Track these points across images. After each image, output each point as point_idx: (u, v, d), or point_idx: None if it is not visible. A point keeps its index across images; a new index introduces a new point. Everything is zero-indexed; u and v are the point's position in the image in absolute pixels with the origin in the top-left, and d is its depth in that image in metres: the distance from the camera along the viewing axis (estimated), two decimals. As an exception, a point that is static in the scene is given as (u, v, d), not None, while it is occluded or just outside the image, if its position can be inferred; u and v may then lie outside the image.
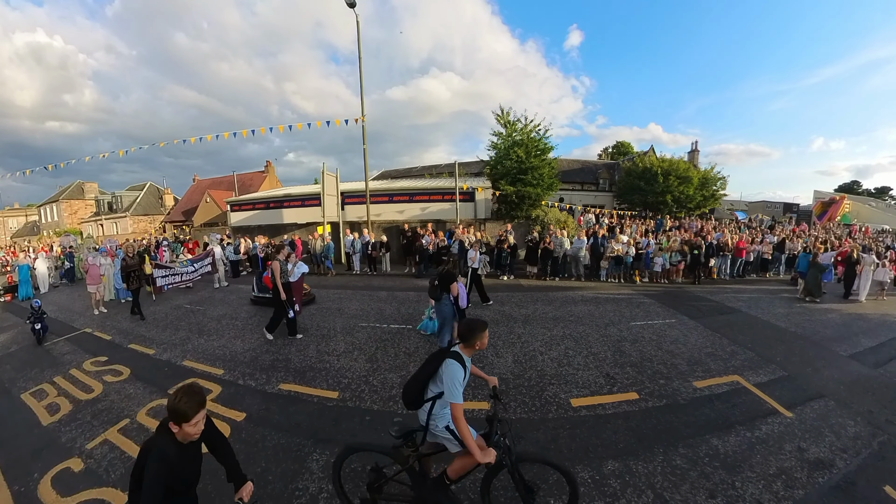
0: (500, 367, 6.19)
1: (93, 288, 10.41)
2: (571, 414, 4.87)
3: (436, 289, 6.32)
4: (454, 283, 6.04)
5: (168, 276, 11.61)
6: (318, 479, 3.78)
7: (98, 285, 10.52)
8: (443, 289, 6.15)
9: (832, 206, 29.02)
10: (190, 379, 6.02)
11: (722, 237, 15.14)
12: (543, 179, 17.30)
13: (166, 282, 11.51)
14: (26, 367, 6.84)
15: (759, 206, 37.79)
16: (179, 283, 11.99)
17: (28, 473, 4.05)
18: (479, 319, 3.07)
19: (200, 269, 12.59)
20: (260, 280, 10.60)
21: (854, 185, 59.77)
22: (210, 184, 37.49)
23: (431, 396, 2.88)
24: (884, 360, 6.64)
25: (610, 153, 49.05)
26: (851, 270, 11.73)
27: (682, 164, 25.28)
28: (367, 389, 5.55)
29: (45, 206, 46.16)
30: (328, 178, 16.62)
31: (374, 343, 7.30)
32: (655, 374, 5.90)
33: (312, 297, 10.58)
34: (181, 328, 8.61)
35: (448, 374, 2.76)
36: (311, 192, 20.29)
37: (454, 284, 6.03)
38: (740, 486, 3.61)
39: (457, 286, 6.03)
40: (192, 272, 12.26)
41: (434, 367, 2.90)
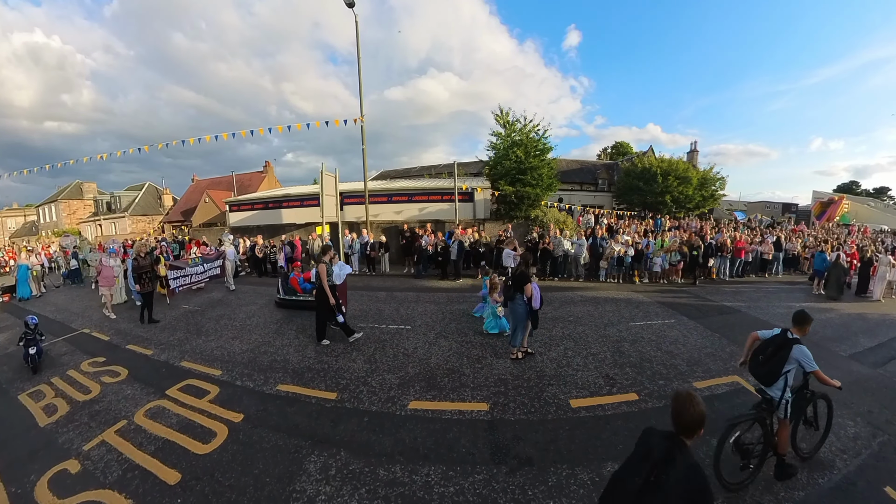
0: (499, 367, 6.17)
1: (105, 290, 10.07)
2: (571, 415, 4.86)
3: (509, 289, 6.31)
4: (528, 284, 5.99)
5: (180, 278, 11.07)
6: (315, 481, 3.76)
7: (111, 287, 10.18)
8: (516, 289, 6.11)
9: (831, 207, 29.09)
10: (188, 379, 6.01)
11: (721, 237, 15.14)
12: (542, 180, 17.28)
13: (178, 283, 10.95)
14: (24, 368, 6.81)
15: (758, 207, 37.86)
16: (190, 284, 11.45)
17: (25, 475, 4.02)
18: (807, 312, 4.05)
19: (209, 270, 12.17)
20: (286, 282, 10.37)
21: (853, 186, 59.88)
22: (209, 184, 37.43)
23: (785, 372, 3.66)
24: (883, 361, 6.64)
25: (609, 153, 49.13)
26: (866, 270, 11.92)
27: (681, 164, 25.31)
28: (365, 390, 5.52)
29: (44, 207, 46.07)
30: (327, 179, 16.56)
31: (372, 343, 7.28)
32: (655, 375, 5.89)
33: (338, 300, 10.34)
34: (179, 328, 8.58)
35: (801, 353, 3.61)
36: (310, 193, 20.26)
37: (528, 285, 5.98)
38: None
39: (530, 287, 5.99)
40: (201, 273, 11.81)
41: (786, 352, 3.65)
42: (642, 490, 1.93)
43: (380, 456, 4.12)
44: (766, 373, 3.75)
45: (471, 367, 6.17)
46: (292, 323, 8.70)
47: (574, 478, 3.73)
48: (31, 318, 7.03)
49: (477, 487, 3.64)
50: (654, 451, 2.03)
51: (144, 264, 9.37)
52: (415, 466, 3.94)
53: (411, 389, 5.51)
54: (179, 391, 5.68)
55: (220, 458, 4.16)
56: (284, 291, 10.24)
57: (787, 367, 3.65)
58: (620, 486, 2.09)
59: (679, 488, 1.88)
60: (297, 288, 10.16)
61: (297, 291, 10.11)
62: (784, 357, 3.65)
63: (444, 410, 4.97)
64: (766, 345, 3.88)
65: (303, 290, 10.05)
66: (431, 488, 3.64)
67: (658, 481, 1.91)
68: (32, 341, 6.69)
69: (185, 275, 11.26)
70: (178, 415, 5.05)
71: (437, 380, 5.78)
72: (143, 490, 3.74)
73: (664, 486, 1.89)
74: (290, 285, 10.25)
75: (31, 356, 6.62)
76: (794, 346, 3.62)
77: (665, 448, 2.01)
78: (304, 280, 10.25)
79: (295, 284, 10.21)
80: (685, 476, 1.91)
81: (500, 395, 5.29)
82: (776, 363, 3.68)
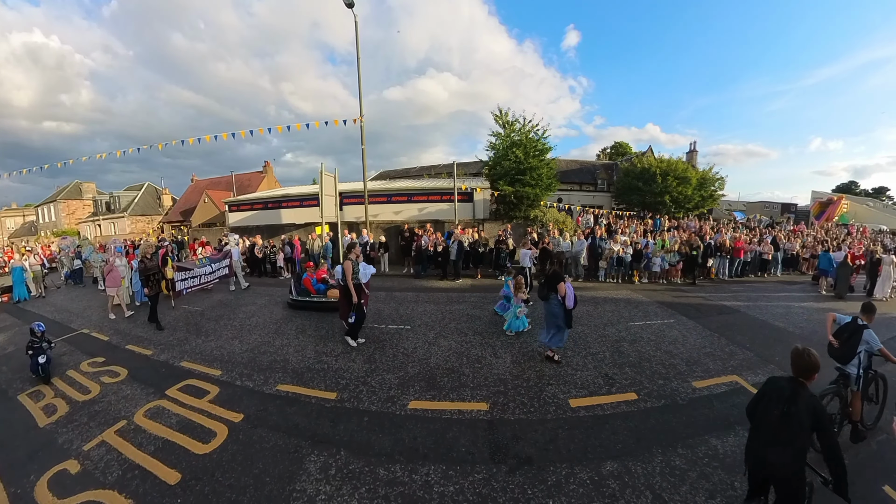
0: (498, 367, 6.18)
1: (112, 291, 9.80)
2: (570, 414, 4.87)
3: (543, 288, 6.34)
4: (562, 283, 6.06)
5: (187, 279, 10.59)
6: (315, 481, 3.77)
7: (118, 288, 9.91)
8: (550, 289, 6.15)
9: (830, 207, 29.06)
10: (188, 379, 6.01)
11: (720, 237, 15.16)
12: (542, 180, 17.27)
13: (185, 285, 10.47)
14: (23, 368, 6.79)
15: (758, 207, 37.85)
16: (198, 286, 10.97)
17: (25, 475, 4.03)
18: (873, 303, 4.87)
19: (218, 270, 11.74)
20: (299, 283, 10.12)
21: (852, 186, 59.93)
22: (208, 184, 37.40)
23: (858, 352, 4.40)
24: (882, 360, 6.62)
25: (608, 153, 49.14)
26: (874, 270, 12.04)
27: (680, 164, 25.29)
28: (365, 390, 5.53)
29: (43, 207, 46.01)
30: (326, 179, 16.53)
31: (371, 344, 7.29)
32: (654, 375, 5.90)
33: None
34: (178, 329, 8.57)
35: (870, 336, 4.37)
36: (310, 193, 20.25)
37: (561, 284, 6.05)
38: (740, 487, 3.60)
39: (564, 286, 6.05)
40: (210, 273, 11.38)
41: (858, 335, 4.40)
42: (781, 418, 2.77)
43: (379, 455, 4.12)
44: (843, 353, 4.50)
45: (470, 367, 6.18)
46: (292, 323, 8.71)
47: (573, 477, 3.74)
48: (38, 324, 6.62)
49: (476, 487, 3.64)
50: (784, 391, 2.86)
51: (151, 266, 9.00)
52: (414, 466, 3.94)
53: (411, 389, 5.52)
54: (179, 391, 5.68)
55: (220, 458, 4.16)
56: (297, 292, 10.00)
57: (860, 348, 4.41)
58: (763, 418, 2.92)
59: (806, 414, 2.69)
60: (310, 289, 9.97)
61: (311, 292, 9.92)
62: (857, 339, 4.41)
63: (443, 410, 4.98)
64: (840, 331, 4.65)
65: (316, 291, 9.88)
66: (431, 487, 3.65)
67: (790, 411, 2.74)
68: (40, 350, 6.27)
69: (194, 276, 10.84)
70: (177, 415, 5.05)
71: (437, 380, 5.79)
72: (143, 490, 3.75)
73: (795, 414, 2.71)
74: (304, 286, 10.02)
75: (40, 366, 6.17)
76: (864, 331, 4.41)
77: (791, 388, 2.84)
78: (316, 280, 10.07)
79: (308, 285, 10.01)
80: (808, 405, 2.71)
81: (499, 395, 5.30)
82: (851, 345, 4.45)
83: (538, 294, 6.58)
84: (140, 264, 8.95)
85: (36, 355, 6.19)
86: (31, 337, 6.37)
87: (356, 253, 7.20)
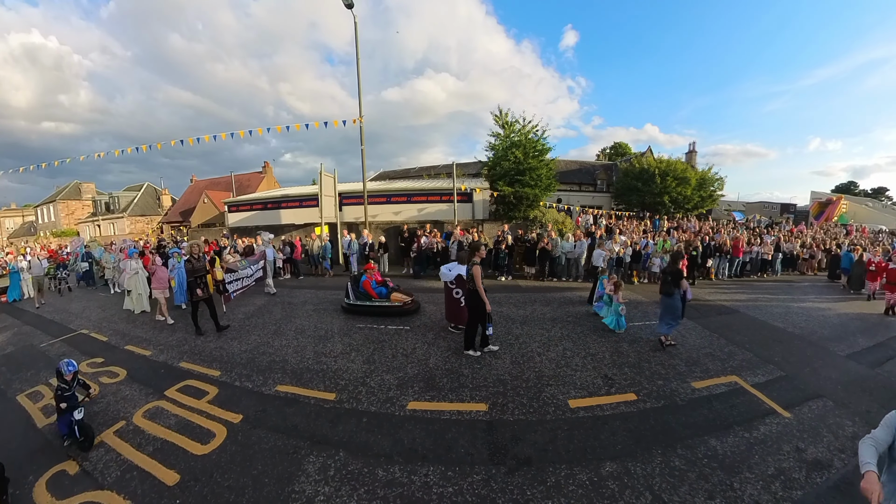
0: (498, 367, 6.17)
1: (159, 293, 9.21)
2: (569, 415, 4.86)
3: (668, 284, 6.97)
4: (684, 279, 6.95)
5: (234, 282, 9.77)
6: (314, 482, 3.76)
7: (164, 290, 9.30)
8: (675, 284, 6.88)
9: (829, 207, 29.11)
10: (186, 380, 6.01)
11: (720, 237, 15.17)
12: (541, 180, 17.29)
13: (233, 288, 9.69)
14: (22, 369, 6.80)
15: (757, 207, 37.89)
16: (241, 288, 10.19)
17: (23, 476, 4.01)
18: None
19: (256, 273, 10.98)
20: (357, 286, 9.35)
21: (851, 186, 60.00)
22: (208, 184, 37.37)
23: None
24: (882, 360, 6.65)
25: (608, 154, 49.16)
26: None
27: (679, 164, 25.32)
28: (364, 391, 5.52)
29: (42, 207, 45.99)
30: (326, 179, 16.59)
31: (371, 344, 7.28)
32: (653, 375, 5.90)
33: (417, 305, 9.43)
34: (177, 329, 8.55)
35: None
36: (309, 193, 20.25)
37: (684, 280, 6.94)
38: (739, 487, 3.60)
39: (685, 282, 6.97)
40: (250, 276, 10.57)
41: None
42: None
43: (378, 456, 4.12)
44: None
45: (469, 368, 6.17)
46: (291, 323, 8.70)
47: (572, 478, 3.73)
48: (68, 364, 4.77)
49: (475, 488, 3.64)
50: None
51: (199, 267, 8.23)
52: (413, 467, 3.94)
53: (410, 390, 5.51)
54: (178, 392, 5.67)
55: (218, 459, 4.15)
56: (356, 296, 9.29)
57: None
58: None
59: None
60: (371, 292, 9.21)
61: (372, 296, 9.19)
62: None
63: (442, 411, 4.98)
64: None
65: (378, 295, 9.21)
66: (430, 488, 3.64)
67: None
68: (73, 399, 4.53)
69: (238, 278, 10.04)
70: (176, 415, 5.05)
71: (436, 380, 5.78)
72: (142, 491, 3.74)
73: None
74: (363, 289, 9.26)
75: (75, 423, 4.39)
76: None
77: None
78: (376, 283, 9.44)
79: (368, 288, 9.24)
80: None
81: (498, 396, 5.30)
82: None
83: (661, 290, 7.17)
84: (187, 264, 8.23)
85: (69, 409, 4.43)
86: (60, 383, 4.61)
87: (481, 255, 6.73)
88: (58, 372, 4.71)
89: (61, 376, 4.67)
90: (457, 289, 7.53)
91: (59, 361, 4.87)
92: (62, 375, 4.67)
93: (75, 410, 4.44)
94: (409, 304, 9.05)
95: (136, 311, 10.04)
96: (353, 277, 9.75)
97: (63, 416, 4.44)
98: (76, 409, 4.45)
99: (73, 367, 4.78)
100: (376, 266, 10.54)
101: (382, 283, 9.53)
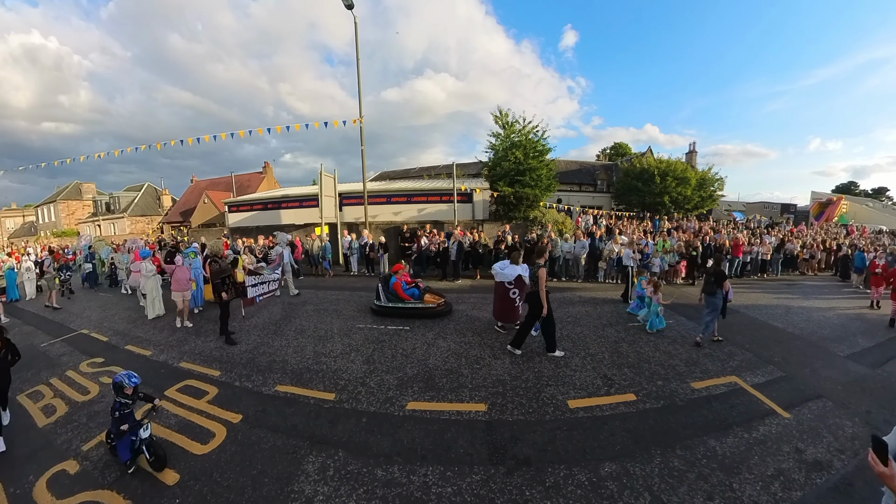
0: (497, 367, 6.18)
1: (178, 296, 8.55)
2: (569, 415, 4.86)
3: (712, 285, 7.25)
4: (726, 280, 7.23)
5: (258, 285, 9.26)
6: (314, 482, 3.77)
7: (185, 292, 8.69)
8: (718, 285, 7.15)
9: (829, 207, 29.04)
10: (186, 380, 6.02)
11: (720, 237, 15.17)
12: (541, 181, 17.31)
13: (257, 292, 9.21)
14: (22, 369, 6.78)
15: (757, 207, 37.87)
16: (268, 293, 9.74)
17: (24, 475, 4.03)
18: None
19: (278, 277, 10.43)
20: (387, 287, 9.09)
21: (851, 186, 59.91)
22: (208, 184, 37.40)
23: None
24: (882, 361, 6.64)
25: (608, 154, 49.15)
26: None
27: (679, 164, 25.31)
28: (363, 391, 5.53)
29: (43, 207, 46.04)
30: (326, 179, 16.61)
31: (371, 344, 7.29)
32: (653, 375, 5.90)
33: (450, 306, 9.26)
34: (176, 330, 8.56)
35: None
36: (309, 193, 20.28)
37: (726, 281, 7.22)
38: (738, 488, 3.60)
39: (728, 283, 7.26)
40: (275, 281, 10.07)
41: None
42: None
43: (378, 456, 4.12)
44: None
45: (469, 368, 6.18)
46: (291, 324, 8.70)
47: (572, 478, 3.74)
48: (130, 376, 4.16)
49: (474, 488, 3.64)
50: None
51: (225, 267, 7.85)
52: (413, 467, 3.94)
53: (409, 390, 5.52)
54: (178, 392, 5.68)
55: (218, 459, 4.16)
56: (387, 298, 9.03)
57: None
58: None
59: None
60: (402, 294, 8.96)
61: (404, 298, 8.95)
62: None
63: (442, 411, 4.98)
64: None
65: (410, 297, 8.96)
66: (429, 489, 3.65)
67: None
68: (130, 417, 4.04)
69: (263, 282, 9.48)
70: (176, 415, 5.06)
71: (436, 380, 5.79)
72: (142, 490, 3.75)
73: None
74: (394, 290, 9.00)
75: (142, 442, 3.94)
76: None
77: None
78: (407, 284, 9.20)
79: (399, 290, 8.99)
80: None
81: (498, 396, 5.30)
82: None
83: (703, 290, 7.46)
84: (213, 265, 7.73)
85: (134, 428, 3.94)
86: (120, 397, 4.08)
87: (545, 258, 6.72)
88: (116, 386, 4.11)
89: (121, 390, 4.08)
90: (514, 288, 7.40)
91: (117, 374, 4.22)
92: (122, 389, 4.07)
93: (141, 428, 3.96)
94: (443, 305, 8.94)
95: (150, 315, 9.42)
96: (383, 279, 9.45)
97: (123, 438, 3.92)
98: (141, 428, 3.97)
99: (135, 380, 4.16)
100: (406, 267, 10.25)
101: (413, 285, 9.34)
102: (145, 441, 3.96)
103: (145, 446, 3.95)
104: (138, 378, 4.22)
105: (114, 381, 4.14)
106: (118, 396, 4.08)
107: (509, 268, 7.42)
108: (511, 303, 7.51)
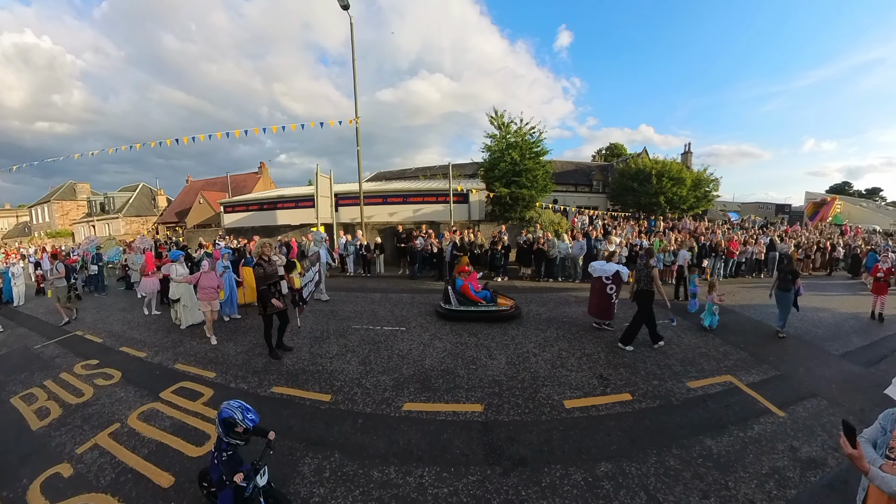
0: (493, 368, 6.18)
1: (206, 306, 7.62)
2: (565, 415, 4.87)
3: (787, 282, 7.74)
4: (798, 278, 7.79)
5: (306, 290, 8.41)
6: (310, 483, 3.76)
7: (213, 301, 7.72)
8: (792, 282, 7.69)
9: (824, 207, 29.32)
10: (182, 382, 5.99)
11: (715, 238, 15.24)
12: (537, 181, 17.34)
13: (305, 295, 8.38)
14: (16, 371, 6.75)
15: (752, 208, 38.09)
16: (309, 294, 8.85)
17: (17, 479, 3.99)
18: None
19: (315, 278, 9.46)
20: (456, 289, 8.78)
21: (845, 186, 60.44)
22: (203, 185, 37.29)
23: None
24: (876, 359, 6.70)
25: (604, 155, 49.33)
26: None
27: (674, 165, 25.43)
28: (359, 392, 5.52)
29: (37, 207, 45.67)
30: (322, 180, 16.56)
31: (367, 345, 7.27)
32: (649, 375, 5.92)
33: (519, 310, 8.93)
34: (173, 330, 8.51)
35: None
36: (305, 194, 20.23)
37: (798, 279, 7.77)
38: (733, 486, 3.62)
39: (799, 280, 7.81)
40: (316, 282, 9.44)
41: None
42: None
43: (374, 457, 4.12)
44: None
45: (465, 369, 6.18)
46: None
47: (568, 478, 3.74)
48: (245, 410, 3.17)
49: (470, 488, 3.64)
50: None
51: (272, 272, 6.64)
52: (409, 468, 3.94)
53: (406, 391, 5.51)
54: (173, 394, 5.65)
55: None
56: (458, 301, 8.70)
57: None
58: None
59: None
60: (470, 296, 8.66)
61: (473, 300, 8.64)
62: None
63: (438, 412, 4.98)
64: None
65: (482, 300, 8.68)
66: (425, 489, 3.65)
67: None
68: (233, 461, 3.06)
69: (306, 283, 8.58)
70: (171, 417, 5.03)
71: (432, 381, 5.78)
72: (137, 493, 3.72)
73: None
74: (462, 293, 8.69)
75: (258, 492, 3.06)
76: None
77: None
78: (474, 287, 8.87)
79: (468, 293, 8.68)
80: None
81: (494, 397, 5.30)
82: None
83: (779, 287, 7.89)
84: (258, 269, 6.54)
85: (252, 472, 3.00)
86: (229, 437, 3.10)
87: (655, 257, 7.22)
88: (225, 423, 3.06)
89: (231, 428, 3.05)
90: (612, 285, 7.80)
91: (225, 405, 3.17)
92: (233, 427, 3.04)
93: (259, 475, 3.04)
94: (514, 308, 8.78)
95: (184, 325, 8.57)
96: (452, 280, 9.07)
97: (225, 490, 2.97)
98: (259, 474, 3.04)
99: (252, 416, 3.14)
100: (471, 268, 9.64)
101: (485, 287, 9.11)
102: (262, 489, 3.09)
103: (262, 496, 3.08)
104: (257, 415, 3.20)
105: (220, 414, 3.11)
106: (227, 436, 3.08)
107: (609, 265, 7.98)
108: (608, 299, 7.87)
